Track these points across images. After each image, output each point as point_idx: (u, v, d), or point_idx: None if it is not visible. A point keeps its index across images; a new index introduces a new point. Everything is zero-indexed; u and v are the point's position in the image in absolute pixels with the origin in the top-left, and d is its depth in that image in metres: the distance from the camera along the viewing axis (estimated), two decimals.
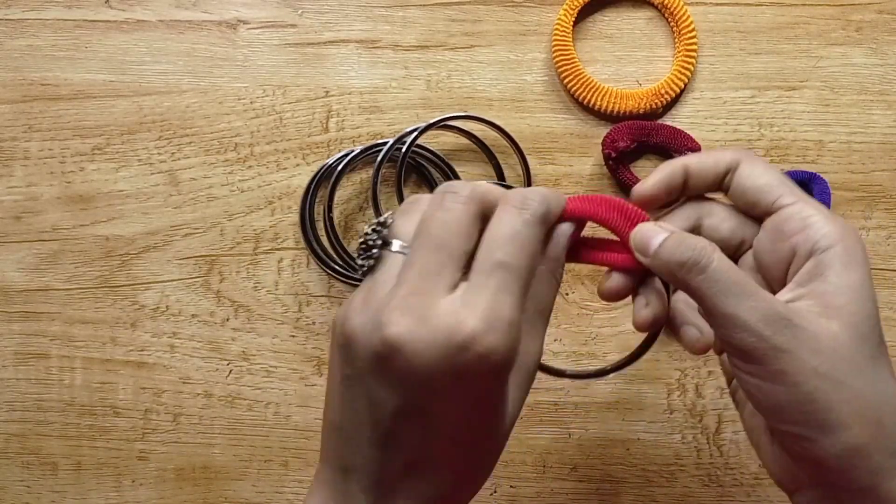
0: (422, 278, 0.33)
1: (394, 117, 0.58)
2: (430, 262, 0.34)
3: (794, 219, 0.37)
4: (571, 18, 0.57)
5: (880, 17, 0.58)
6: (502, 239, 0.34)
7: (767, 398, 0.35)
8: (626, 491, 0.57)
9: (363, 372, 0.34)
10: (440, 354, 0.32)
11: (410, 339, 0.32)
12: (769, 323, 0.35)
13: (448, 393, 0.33)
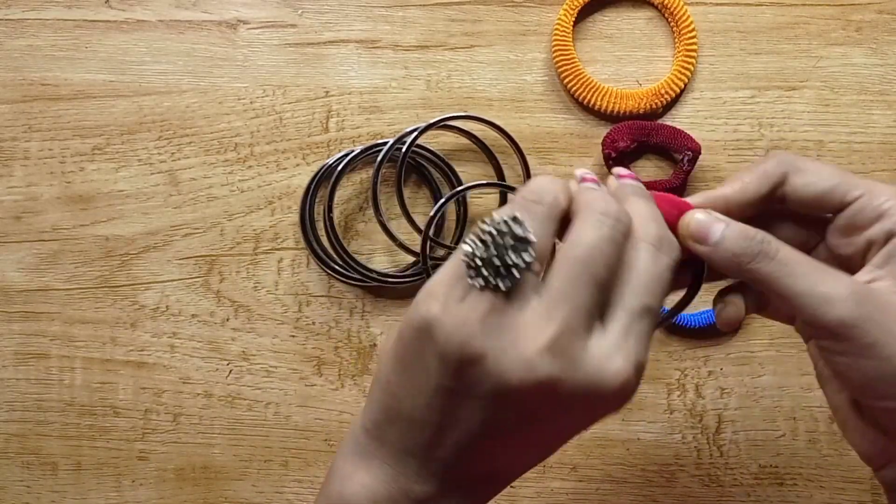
0: (574, 316, 0.32)
1: (394, 117, 0.58)
2: (583, 296, 0.32)
3: (866, 210, 0.37)
4: (571, 18, 0.57)
5: (880, 17, 0.58)
6: (651, 282, 0.33)
7: (859, 375, 0.35)
8: (626, 491, 0.57)
9: (478, 396, 0.32)
10: (589, 396, 0.32)
11: (563, 380, 0.31)
12: (856, 296, 0.34)
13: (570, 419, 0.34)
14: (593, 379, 0.31)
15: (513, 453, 0.35)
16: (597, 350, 0.32)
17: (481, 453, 0.34)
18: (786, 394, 0.57)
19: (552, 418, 0.33)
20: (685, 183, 0.57)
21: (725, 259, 0.36)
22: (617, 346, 0.32)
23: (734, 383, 0.57)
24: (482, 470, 0.35)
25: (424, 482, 0.35)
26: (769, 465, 0.57)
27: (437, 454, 0.34)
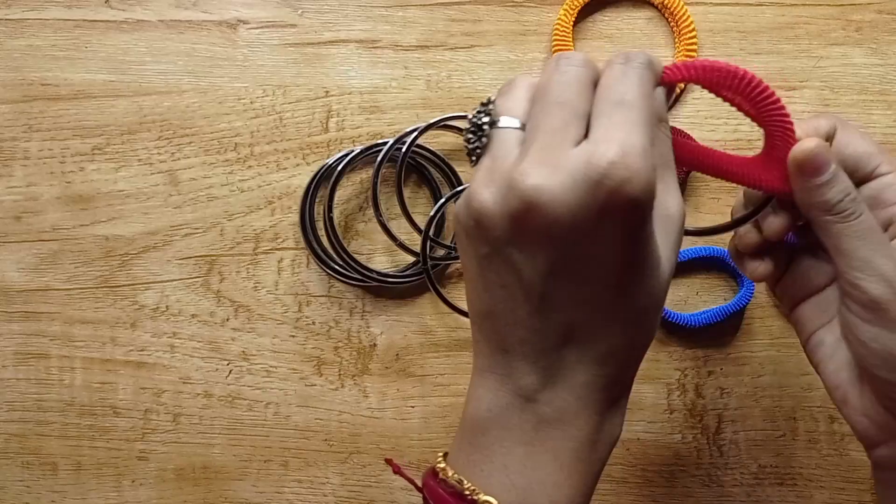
0: (549, 135, 0.33)
1: (394, 117, 0.58)
2: (555, 120, 0.33)
3: (892, 188, 0.39)
4: (571, 18, 0.57)
5: (880, 17, 0.58)
6: (615, 81, 0.34)
7: (885, 346, 0.37)
8: (626, 491, 0.57)
9: (502, 242, 0.33)
10: (582, 193, 0.31)
11: (549, 186, 0.31)
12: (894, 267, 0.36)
13: (595, 235, 0.32)
14: (580, 171, 0.31)
15: (581, 311, 0.34)
16: (578, 151, 0.32)
17: (548, 319, 0.34)
18: (786, 394, 0.57)
19: (588, 234, 0.32)
20: (685, 182, 0.57)
21: (818, 201, 0.37)
22: (594, 140, 0.32)
23: (734, 383, 0.57)
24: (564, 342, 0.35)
25: (527, 374, 0.35)
26: (769, 465, 0.57)
27: (518, 335, 0.35)
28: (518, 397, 0.35)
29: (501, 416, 0.36)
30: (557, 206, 0.31)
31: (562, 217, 0.32)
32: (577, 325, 0.35)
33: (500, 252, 0.34)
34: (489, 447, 0.36)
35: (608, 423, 0.37)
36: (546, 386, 0.35)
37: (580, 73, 0.34)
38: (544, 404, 0.35)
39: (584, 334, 0.35)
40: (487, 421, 0.36)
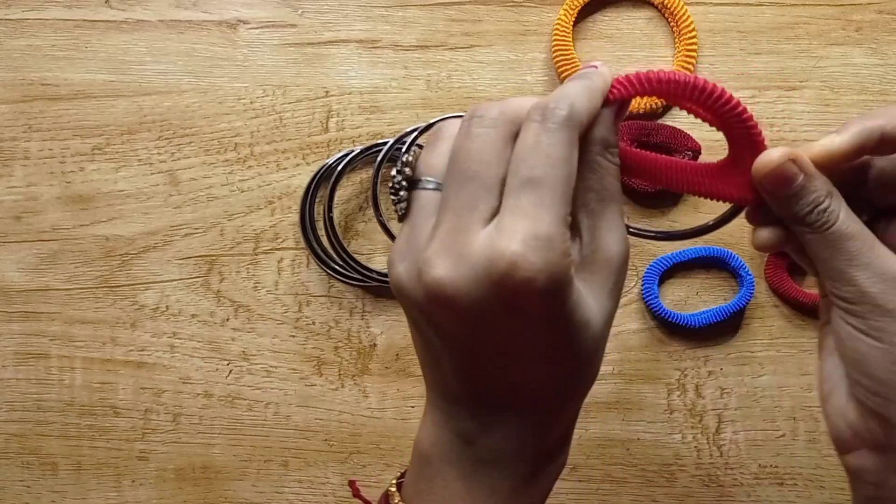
0: (456, 215, 0.32)
1: (394, 117, 0.58)
2: (462, 197, 0.32)
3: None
4: (571, 18, 0.57)
5: (880, 17, 0.58)
6: (525, 155, 0.32)
7: (860, 351, 0.36)
8: (627, 491, 0.57)
9: (420, 318, 0.34)
10: (485, 289, 0.31)
11: (451, 281, 0.32)
12: (883, 285, 0.35)
13: (506, 324, 0.32)
14: (483, 266, 0.31)
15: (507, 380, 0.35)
16: (482, 239, 0.31)
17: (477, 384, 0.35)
18: (786, 394, 0.57)
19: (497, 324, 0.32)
20: None
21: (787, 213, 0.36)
22: (500, 229, 0.31)
23: (734, 383, 0.57)
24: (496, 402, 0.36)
25: (465, 420, 0.36)
26: (769, 465, 0.57)
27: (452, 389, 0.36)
28: (458, 437, 0.36)
29: (444, 451, 0.37)
30: (461, 299, 0.32)
31: (468, 309, 0.32)
32: (505, 387, 0.35)
33: (421, 324, 0.35)
34: (432, 479, 0.37)
35: (550, 462, 0.37)
36: (482, 432, 0.36)
37: (491, 136, 0.33)
38: (481, 447, 0.36)
39: (514, 394, 0.35)
40: (432, 454, 0.37)
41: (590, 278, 0.34)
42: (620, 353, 0.57)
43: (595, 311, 0.34)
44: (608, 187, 0.34)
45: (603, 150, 0.34)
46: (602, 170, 0.34)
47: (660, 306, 0.56)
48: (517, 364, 0.34)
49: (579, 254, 0.34)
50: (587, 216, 0.34)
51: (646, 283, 0.57)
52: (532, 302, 0.31)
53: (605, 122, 0.34)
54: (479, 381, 0.35)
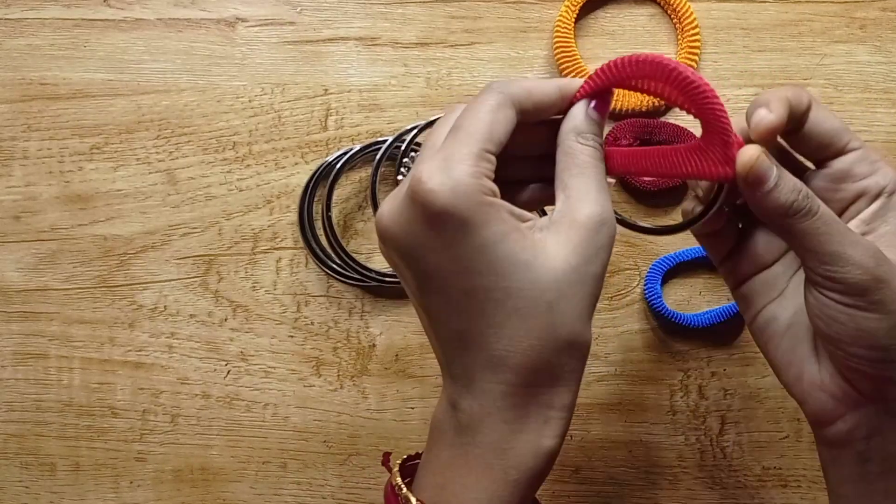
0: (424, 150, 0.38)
1: (393, 115, 0.58)
2: (436, 137, 0.38)
3: (864, 162, 0.40)
4: (573, 15, 0.57)
5: (884, 15, 0.57)
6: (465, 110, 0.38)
7: (859, 325, 0.37)
8: (629, 493, 0.56)
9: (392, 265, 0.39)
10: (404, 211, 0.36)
11: (388, 211, 0.37)
12: (873, 258, 0.37)
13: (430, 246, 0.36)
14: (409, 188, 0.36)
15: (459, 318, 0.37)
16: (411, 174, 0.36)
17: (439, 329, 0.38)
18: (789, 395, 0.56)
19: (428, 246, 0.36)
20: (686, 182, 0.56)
21: (772, 207, 0.38)
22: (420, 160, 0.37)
23: (737, 385, 0.56)
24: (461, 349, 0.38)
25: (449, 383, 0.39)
26: (773, 467, 0.56)
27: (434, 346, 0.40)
28: (449, 404, 0.39)
29: (439, 421, 0.39)
30: (390, 226, 0.37)
31: (398, 235, 0.37)
32: (463, 333, 0.37)
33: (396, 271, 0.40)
34: (430, 449, 0.40)
35: (525, 435, 0.38)
36: (461, 394, 0.38)
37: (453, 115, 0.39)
38: (460, 411, 0.38)
39: (472, 341, 0.37)
40: (433, 426, 0.40)
41: (554, 232, 0.37)
42: (623, 353, 0.57)
43: (550, 258, 0.36)
44: (580, 164, 0.38)
45: (575, 136, 0.39)
46: (574, 152, 0.39)
47: (663, 306, 0.56)
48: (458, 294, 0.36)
49: (549, 217, 0.38)
50: (562, 189, 0.38)
51: (648, 283, 0.56)
52: (439, 214, 0.35)
53: (576, 113, 0.39)
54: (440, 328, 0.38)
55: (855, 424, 0.40)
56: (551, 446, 0.38)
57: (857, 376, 0.40)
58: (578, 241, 0.37)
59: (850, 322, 0.38)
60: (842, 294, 0.37)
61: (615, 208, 0.39)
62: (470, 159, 0.36)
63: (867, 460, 0.41)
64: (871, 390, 0.39)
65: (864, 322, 0.37)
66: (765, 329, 0.43)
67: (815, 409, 0.42)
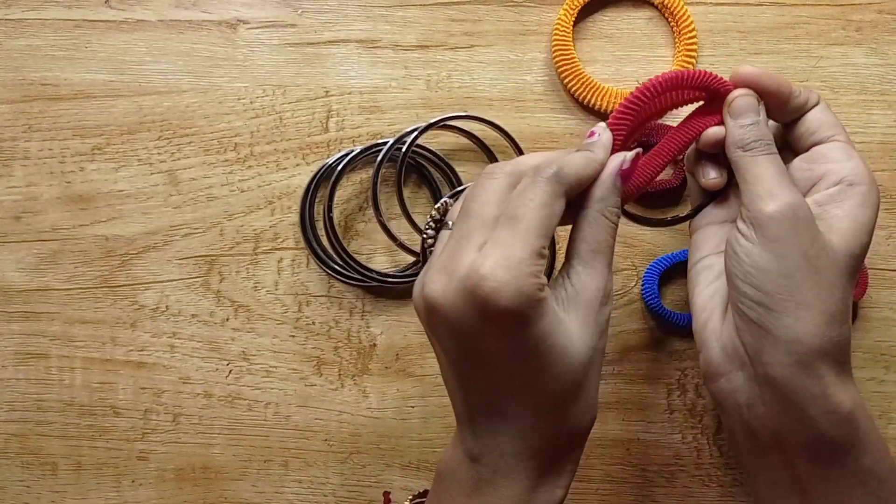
0: (456, 243, 0.39)
1: (394, 117, 0.58)
2: (463, 230, 0.39)
3: (840, 150, 0.44)
4: (571, 18, 0.57)
5: (880, 17, 0.58)
6: (513, 199, 0.39)
7: (753, 261, 0.41)
8: (626, 491, 0.57)
9: (428, 334, 0.41)
10: (462, 300, 0.38)
11: (443, 293, 0.38)
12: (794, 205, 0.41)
13: (484, 334, 0.38)
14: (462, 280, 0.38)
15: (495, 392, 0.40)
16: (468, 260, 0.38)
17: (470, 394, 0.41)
18: None
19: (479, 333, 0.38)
20: (685, 182, 0.57)
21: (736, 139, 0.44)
22: (482, 252, 0.38)
23: None
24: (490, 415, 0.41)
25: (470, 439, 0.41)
26: None
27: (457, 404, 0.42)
28: (465, 456, 0.42)
29: (454, 469, 0.42)
30: (447, 309, 0.38)
31: (452, 318, 0.38)
32: (495, 403, 0.40)
33: (430, 338, 0.41)
34: (442, 494, 0.42)
35: (543, 489, 0.41)
36: (483, 451, 0.41)
37: (494, 185, 0.40)
38: (483, 466, 0.41)
39: (504, 412, 0.40)
40: (445, 471, 0.43)
41: (574, 312, 0.40)
42: (620, 353, 0.57)
43: (576, 342, 0.39)
44: (600, 240, 0.41)
45: (602, 207, 0.41)
46: (597, 224, 0.41)
47: (659, 305, 0.56)
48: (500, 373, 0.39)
49: (566, 292, 0.40)
50: (578, 262, 0.41)
51: (646, 283, 0.57)
52: (501, 313, 0.37)
53: (604, 184, 0.42)
54: (473, 394, 0.41)
55: (737, 387, 0.43)
56: (562, 496, 0.42)
57: (741, 322, 0.42)
58: (593, 321, 0.40)
59: (747, 256, 0.41)
60: (751, 225, 0.42)
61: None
62: (531, 259, 0.37)
63: (754, 433, 0.43)
64: (751, 344, 0.42)
65: (759, 259, 0.41)
66: (699, 273, 0.47)
67: (706, 359, 0.44)
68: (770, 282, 0.41)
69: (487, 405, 0.40)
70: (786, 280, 0.40)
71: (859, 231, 0.42)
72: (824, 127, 0.45)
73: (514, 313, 0.37)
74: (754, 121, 0.44)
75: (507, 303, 0.37)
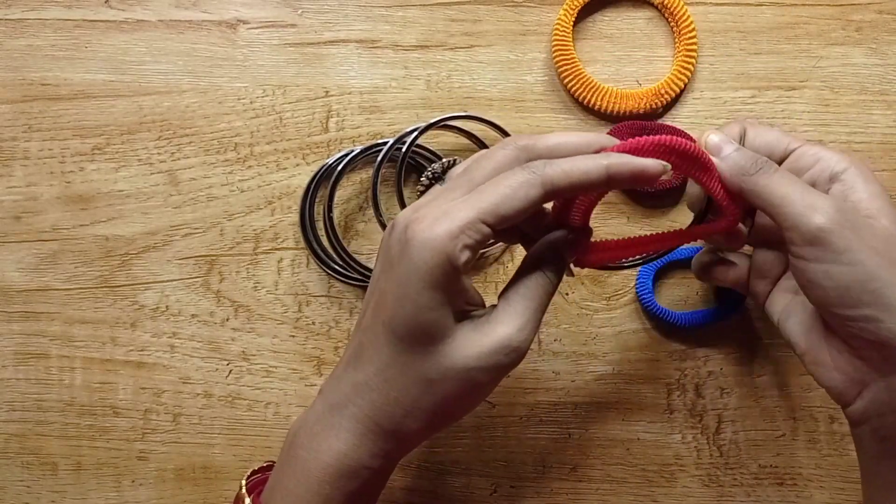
0: (439, 191, 0.41)
1: (394, 117, 0.58)
2: (451, 183, 0.41)
3: (805, 156, 0.44)
4: (571, 18, 0.57)
5: (880, 17, 0.58)
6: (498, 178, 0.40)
7: (834, 281, 0.40)
8: (626, 491, 0.57)
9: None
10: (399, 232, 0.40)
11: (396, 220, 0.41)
12: (836, 207, 0.40)
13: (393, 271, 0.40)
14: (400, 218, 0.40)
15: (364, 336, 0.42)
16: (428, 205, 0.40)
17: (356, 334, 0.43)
18: (786, 393, 0.57)
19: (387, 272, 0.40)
20: (685, 182, 0.57)
21: (733, 168, 0.42)
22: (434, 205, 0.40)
23: (734, 383, 0.57)
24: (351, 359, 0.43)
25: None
26: (769, 465, 0.57)
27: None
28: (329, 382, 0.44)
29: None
30: (386, 234, 0.41)
31: (382, 247, 0.42)
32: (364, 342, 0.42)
33: None
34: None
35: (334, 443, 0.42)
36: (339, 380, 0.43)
37: (501, 156, 0.41)
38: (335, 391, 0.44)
39: (358, 358, 0.42)
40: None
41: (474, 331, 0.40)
42: (620, 353, 0.57)
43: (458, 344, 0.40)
44: (532, 294, 0.41)
45: (547, 267, 0.42)
46: (538, 281, 0.42)
47: (653, 303, 0.56)
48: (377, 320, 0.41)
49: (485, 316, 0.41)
50: (505, 299, 0.41)
51: (640, 280, 0.56)
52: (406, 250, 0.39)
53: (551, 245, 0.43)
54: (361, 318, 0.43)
55: (870, 401, 0.42)
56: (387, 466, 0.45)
57: (858, 343, 0.41)
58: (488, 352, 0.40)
59: (826, 279, 0.40)
60: (809, 245, 0.40)
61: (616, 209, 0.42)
62: (463, 225, 0.38)
63: (884, 438, 0.42)
64: (877, 358, 0.41)
65: (839, 275, 0.39)
66: (785, 327, 0.46)
67: (835, 391, 0.44)
68: (862, 293, 0.39)
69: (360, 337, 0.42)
70: (875, 283, 0.39)
71: (886, 203, 0.43)
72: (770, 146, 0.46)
73: (415, 263, 0.38)
74: (737, 146, 0.44)
75: (414, 250, 0.38)
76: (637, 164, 0.39)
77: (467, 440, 0.57)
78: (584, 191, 0.40)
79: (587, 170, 0.39)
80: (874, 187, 0.43)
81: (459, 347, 0.40)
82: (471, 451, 0.57)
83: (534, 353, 0.57)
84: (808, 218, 0.40)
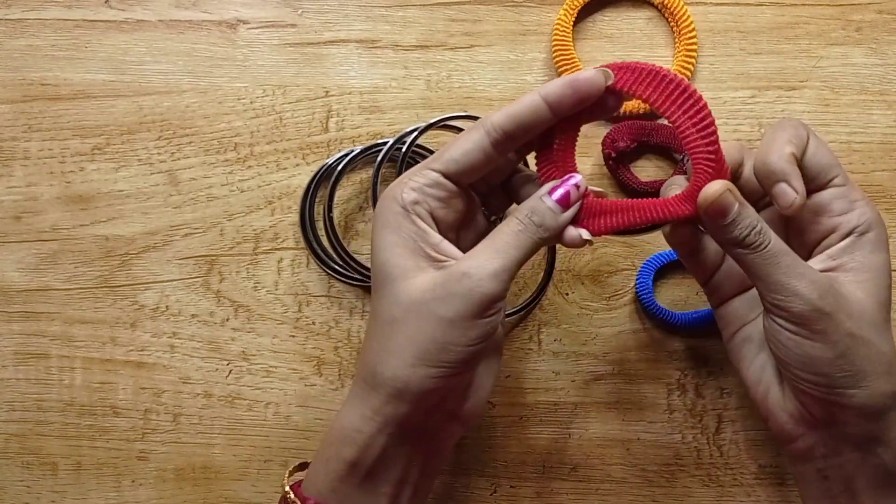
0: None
1: (394, 117, 0.58)
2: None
3: (843, 200, 0.43)
4: (571, 18, 0.57)
5: (880, 17, 0.58)
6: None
7: (805, 352, 0.41)
8: (626, 491, 0.57)
9: None
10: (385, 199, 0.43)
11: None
12: (819, 292, 0.40)
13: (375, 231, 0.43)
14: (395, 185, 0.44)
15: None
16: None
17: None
18: None
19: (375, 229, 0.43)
20: None
21: (726, 238, 0.42)
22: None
23: (734, 383, 0.57)
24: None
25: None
26: (769, 465, 0.57)
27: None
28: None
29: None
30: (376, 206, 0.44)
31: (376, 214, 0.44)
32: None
33: None
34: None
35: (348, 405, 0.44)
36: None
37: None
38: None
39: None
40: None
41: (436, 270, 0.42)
42: (620, 353, 0.57)
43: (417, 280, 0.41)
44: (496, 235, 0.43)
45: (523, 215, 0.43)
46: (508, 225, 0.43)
47: (653, 302, 0.56)
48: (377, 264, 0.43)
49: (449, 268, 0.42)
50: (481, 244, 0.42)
51: (640, 279, 0.56)
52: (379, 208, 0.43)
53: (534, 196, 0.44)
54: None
55: (813, 444, 0.44)
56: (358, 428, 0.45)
57: (807, 399, 0.43)
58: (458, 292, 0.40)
59: (797, 348, 0.41)
60: (787, 322, 0.41)
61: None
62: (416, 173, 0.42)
63: (827, 478, 0.44)
64: (821, 414, 0.43)
65: (810, 350, 0.41)
66: (740, 349, 0.47)
67: (777, 427, 0.45)
68: (827, 366, 0.41)
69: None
70: (842, 360, 0.41)
71: (881, 277, 0.43)
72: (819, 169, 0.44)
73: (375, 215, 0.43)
74: (733, 217, 0.41)
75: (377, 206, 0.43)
76: (568, 78, 0.41)
77: (467, 440, 0.57)
78: (530, 126, 0.42)
79: (523, 102, 0.41)
80: (879, 259, 0.43)
81: (417, 283, 0.41)
82: (471, 451, 0.57)
83: (533, 353, 0.57)
84: (789, 302, 0.41)
